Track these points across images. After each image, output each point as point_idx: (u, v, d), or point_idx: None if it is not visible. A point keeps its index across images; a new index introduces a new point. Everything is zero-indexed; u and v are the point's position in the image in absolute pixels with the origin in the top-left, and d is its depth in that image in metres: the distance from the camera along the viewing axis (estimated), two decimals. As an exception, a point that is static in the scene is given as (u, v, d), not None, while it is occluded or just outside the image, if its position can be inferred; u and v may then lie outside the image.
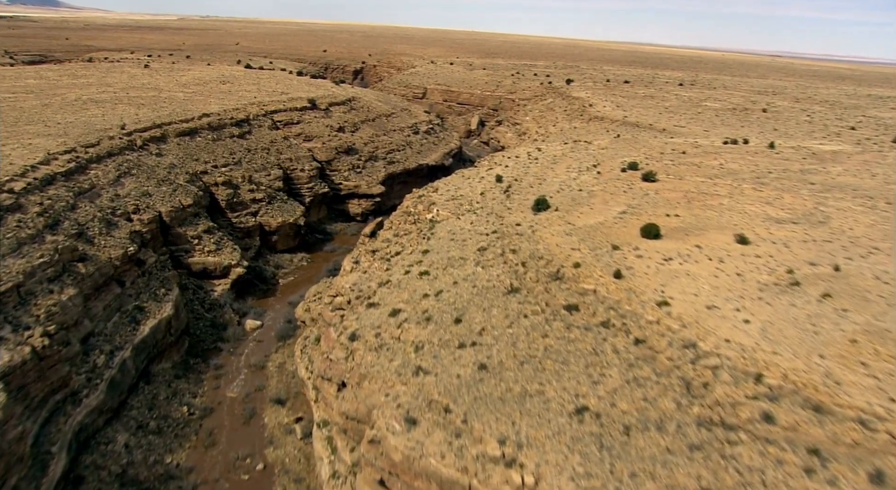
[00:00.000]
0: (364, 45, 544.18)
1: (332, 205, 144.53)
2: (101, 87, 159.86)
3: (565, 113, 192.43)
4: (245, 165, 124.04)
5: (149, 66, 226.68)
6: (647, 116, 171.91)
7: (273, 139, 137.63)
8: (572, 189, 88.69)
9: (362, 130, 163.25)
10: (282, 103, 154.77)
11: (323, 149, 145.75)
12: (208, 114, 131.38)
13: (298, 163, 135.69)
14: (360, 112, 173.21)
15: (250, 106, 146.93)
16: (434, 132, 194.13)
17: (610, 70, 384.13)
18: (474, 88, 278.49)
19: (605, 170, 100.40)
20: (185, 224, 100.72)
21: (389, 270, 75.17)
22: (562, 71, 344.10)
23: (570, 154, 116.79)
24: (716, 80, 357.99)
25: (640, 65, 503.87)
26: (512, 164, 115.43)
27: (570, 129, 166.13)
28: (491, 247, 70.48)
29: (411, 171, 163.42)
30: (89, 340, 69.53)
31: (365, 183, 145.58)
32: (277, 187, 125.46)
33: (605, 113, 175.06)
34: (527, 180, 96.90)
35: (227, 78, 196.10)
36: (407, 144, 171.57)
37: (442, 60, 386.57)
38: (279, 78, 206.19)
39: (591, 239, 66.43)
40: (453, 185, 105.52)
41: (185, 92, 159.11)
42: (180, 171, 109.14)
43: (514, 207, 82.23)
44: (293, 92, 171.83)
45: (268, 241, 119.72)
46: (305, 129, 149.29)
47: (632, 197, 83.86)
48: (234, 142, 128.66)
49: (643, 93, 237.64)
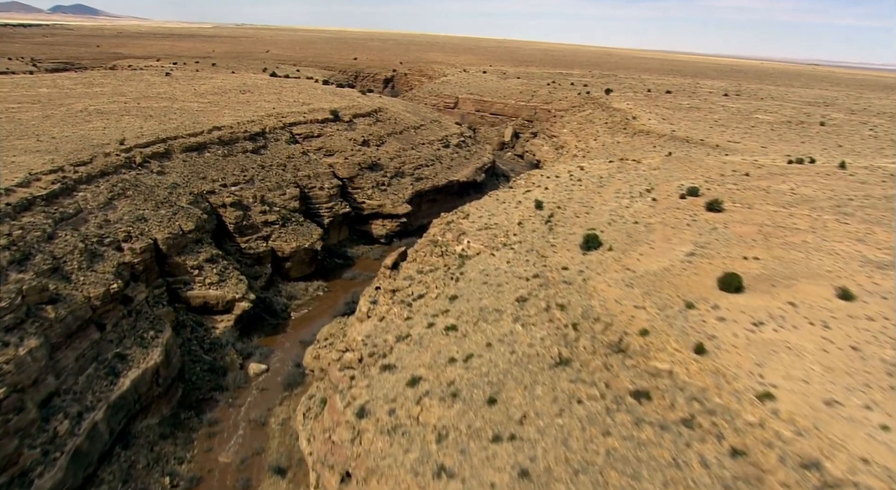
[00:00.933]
0: (395, 53, 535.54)
1: (353, 226, 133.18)
2: (112, 97, 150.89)
3: (606, 126, 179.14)
4: (258, 184, 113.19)
5: (170, 74, 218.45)
6: (697, 131, 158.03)
7: (290, 154, 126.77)
8: (625, 221, 75.78)
9: (388, 144, 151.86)
10: (302, 115, 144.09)
11: (345, 164, 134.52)
12: (220, 127, 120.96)
13: (317, 180, 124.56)
14: (386, 124, 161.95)
15: (267, 118, 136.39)
16: (465, 145, 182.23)
17: (648, 79, 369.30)
18: (508, 98, 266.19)
19: (661, 196, 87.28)
20: (184, 252, 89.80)
21: (410, 319, 63.08)
22: (599, 80, 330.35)
23: (618, 175, 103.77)
24: (760, 90, 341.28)
25: (679, 74, 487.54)
26: (552, 185, 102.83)
27: (612, 143, 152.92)
28: (533, 297, 58.00)
29: (440, 188, 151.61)
30: (52, 402, 58.44)
31: (390, 202, 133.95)
32: (293, 208, 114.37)
33: (651, 126, 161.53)
34: (571, 208, 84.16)
35: (249, 87, 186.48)
36: (436, 159, 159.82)
37: (474, 69, 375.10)
38: (303, 87, 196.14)
39: (657, 292, 53.59)
40: (486, 210, 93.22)
41: (199, 102, 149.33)
42: (183, 192, 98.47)
43: (558, 244, 69.65)
44: (315, 102, 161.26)
45: (280, 268, 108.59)
46: (326, 143, 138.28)
47: (698, 232, 70.73)
48: (247, 157, 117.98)
49: (688, 104, 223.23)
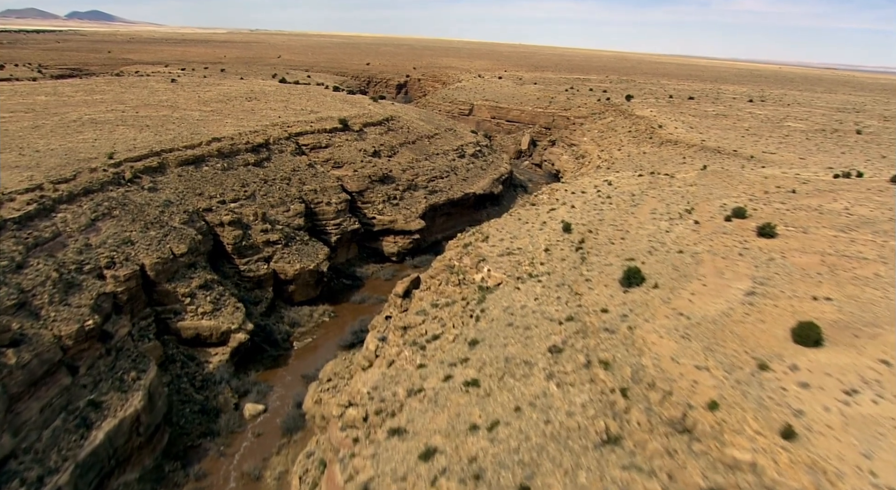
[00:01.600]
0: (409, 58, 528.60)
1: (363, 243, 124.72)
2: (111, 105, 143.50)
3: (630, 134, 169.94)
4: (259, 199, 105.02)
5: (176, 80, 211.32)
6: (729, 140, 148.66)
7: (296, 167, 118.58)
8: (668, 248, 66.75)
9: (401, 155, 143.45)
10: (309, 124, 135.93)
11: (354, 177, 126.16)
12: (220, 138, 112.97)
13: (324, 194, 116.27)
14: (398, 133, 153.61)
15: (272, 128, 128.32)
16: (482, 155, 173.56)
17: (668, 85, 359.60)
18: (525, 105, 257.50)
19: (703, 217, 78.13)
20: (175, 279, 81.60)
21: (424, 367, 54.30)
22: (618, 86, 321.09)
23: (652, 192, 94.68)
24: (785, 95, 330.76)
25: (698, 79, 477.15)
26: (579, 203, 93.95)
27: (639, 154, 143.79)
28: (568, 347, 49.13)
29: (456, 202, 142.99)
30: (7, 466, 50.25)
31: (402, 217, 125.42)
32: (297, 225, 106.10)
33: (679, 136, 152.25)
34: (604, 232, 75.19)
35: (256, 94, 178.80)
36: (451, 170, 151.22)
37: (489, 74, 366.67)
38: (312, 94, 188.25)
39: (719, 346, 44.59)
40: (507, 231, 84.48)
41: (202, 111, 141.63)
42: (177, 210, 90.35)
43: (593, 277, 60.75)
44: (324, 111, 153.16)
45: (283, 291, 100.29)
46: (335, 155, 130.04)
47: (753, 264, 61.55)
48: (249, 171, 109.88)
49: (713, 111, 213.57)
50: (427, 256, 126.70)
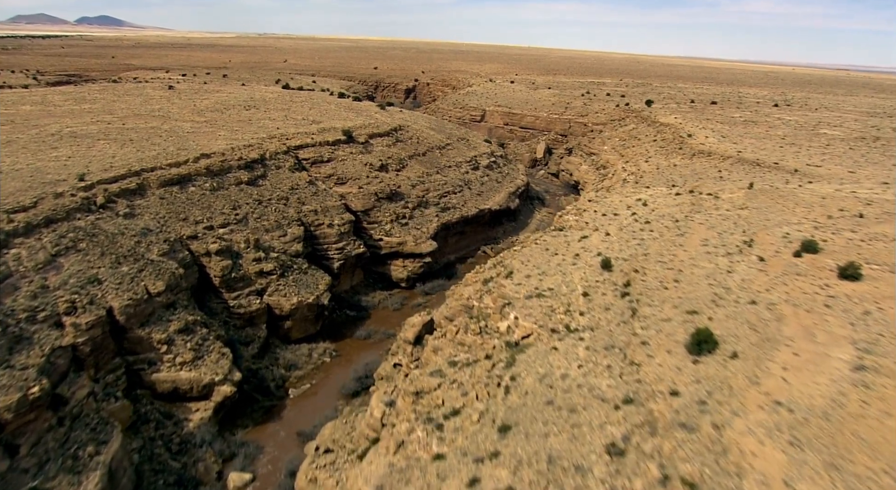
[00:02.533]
0: (417, 62, 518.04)
1: (369, 267, 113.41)
2: (98, 115, 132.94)
3: (656, 144, 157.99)
4: (252, 223, 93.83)
5: (173, 87, 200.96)
6: (767, 151, 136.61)
7: (294, 184, 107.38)
8: (736, 296, 54.89)
9: (410, 168, 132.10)
10: (310, 136, 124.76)
11: (359, 195, 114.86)
12: (209, 153, 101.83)
13: (326, 215, 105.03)
14: (407, 145, 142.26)
15: (269, 140, 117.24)
16: (496, 166, 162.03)
17: (686, 88, 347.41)
18: (539, 111, 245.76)
19: (766, 251, 66.30)
20: (150, 322, 70.42)
21: (442, 460, 42.74)
22: (635, 90, 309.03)
23: (697, 217, 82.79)
24: (808, 98, 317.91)
25: (714, 81, 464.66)
26: (614, 229, 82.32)
27: (669, 167, 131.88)
28: (633, 447, 37.45)
29: (470, 219, 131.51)
30: None
31: (412, 238, 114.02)
32: (295, 252, 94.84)
33: (711, 146, 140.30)
34: (652, 270, 63.43)
35: (255, 102, 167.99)
36: (464, 184, 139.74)
37: (501, 78, 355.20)
38: (315, 101, 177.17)
39: (845, 459, 32.84)
40: (534, 264, 72.87)
41: (195, 121, 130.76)
42: (156, 239, 79.22)
43: (650, 338, 49.10)
44: (327, 120, 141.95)
45: (278, 328, 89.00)
46: (338, 170, 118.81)
47: (846, 319, 49.59)
48: (241, 191, 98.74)
49: (740, 117, 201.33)
50: (439, 281, 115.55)
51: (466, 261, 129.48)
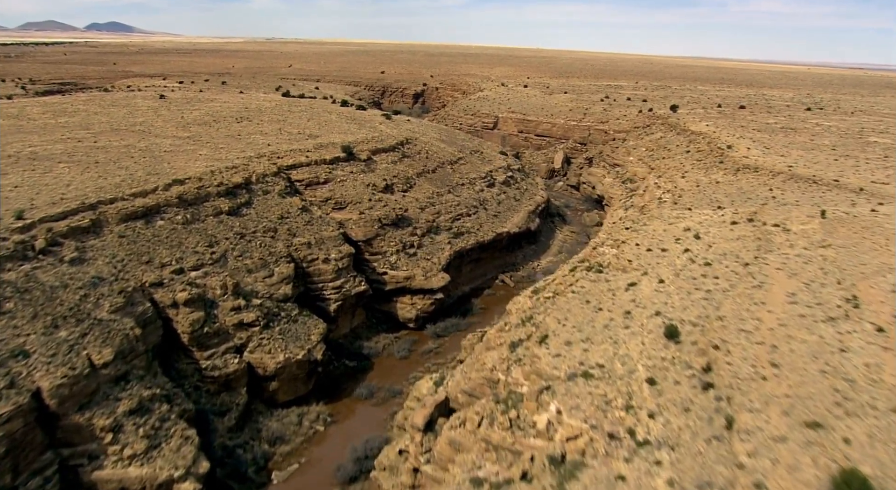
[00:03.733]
0: (425, 66, 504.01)
1: (372, 305, 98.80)
2: (72, 131, 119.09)
3: (691, 156, 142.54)
4: (232, 263, 79.28)
5: (165, 96, 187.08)
6: (820, 165, 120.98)
7: (284, 212, 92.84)
8: (869, 397, 39.49)
9: (418, 188, 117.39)
10: (305, 154, 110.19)
11: (360, 222, 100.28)
12: (184, 179, 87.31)
13: (321, 248, 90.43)
14: (415, 160, 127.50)
15: (257, 160, 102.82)
16: (513, 181, 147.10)
17: (707, 91, 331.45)
18: (556, 117, 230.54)
19: (881, 315, 50.96)
20: (92, 404, 55.87)
21: None
22: (654, 93, 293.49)
23: (770, 258, 67.44)
24: (838, 101, 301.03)
25: (733, 83, 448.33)
26: (667, 272, 67.19)
27: (710, 184, 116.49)
28: None
29: (486, 245, 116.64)
30: None
31: (421, 270, 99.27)
32: (283, 296, 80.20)
33: (756, 160, 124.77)
34: (735, 344, 48.10)
35: (250, 112, 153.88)
36: (479, 204, 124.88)
37: (513, 82, 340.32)
38: (315, 111, 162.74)
39: None
40: (574, 324, 57.77)
41: (176, 138, 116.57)
42: (110, 291, 64.77)
43: (765, 473, 34.00)
44: (325, 134, 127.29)
45: (262, 390, 74.38)
46: (336, 192, 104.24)
47: None
48: (220, 223, 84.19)
49: (776, 123, 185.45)
50: (453, 320, 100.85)
51: (483, 292, 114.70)
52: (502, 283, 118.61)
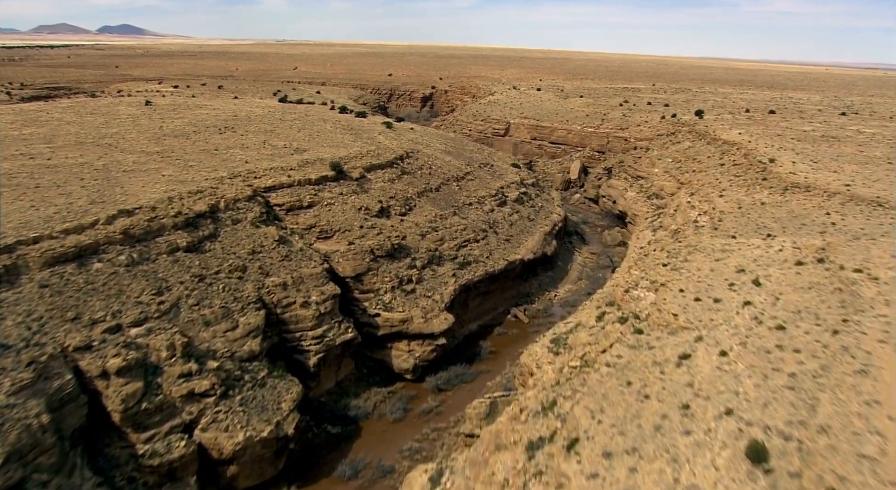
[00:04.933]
0: (435, 68, 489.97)
1: (363, 352, 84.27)
2: (31, 145, 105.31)
3: (726, 170, 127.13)
4: (186, 314, 64.89)
5: (151, 102, 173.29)
6: (882, 183, 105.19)
7: (257, 245, 78.40)
8: None
9: (419, 210, 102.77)
10: (287, 172, 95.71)
11: (349, 254, 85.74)
12: (133, 209, 72.80)
13: (300, 289, 75.95)
14: (416, 177, 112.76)
15: (230, 181, 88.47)
16: (527, 198, 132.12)
17: (729, 93, 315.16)
18: (572, 123, 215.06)
19: None
20: (-37, 532, 41.62)
21: None
22: (675, 96, 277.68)
23: (865, 322, 52.07)
24: (870, 104, 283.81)
25: (753, 84, 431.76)
26: (727, 337, 52.07)
27: (754, 205, 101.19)
28: None
29: (497, 275, 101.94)
30: None
31: (420, 311, 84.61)
32: (249, 353, 65.79)
33: (806, 177, 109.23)
34: (854, 484, 33.50)
35: (238, 121, 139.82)
36: (489, 227, 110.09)
37: (525, 85, 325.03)
38: (310, 119, 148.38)
39: None
40: (612, 421, 42.99)
41: (143, 153, 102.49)
42: (14, 363, 50.46)
43: None
44: (315, 148, 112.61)
45: (218, 476, 59.87)
46: (322, 218, 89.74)
47: None
48: (175, 263, 69.77)
49: (813, 131, 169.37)
50: (457, 368, 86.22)
51: (493, 330, 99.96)
52: (515, 318, 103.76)
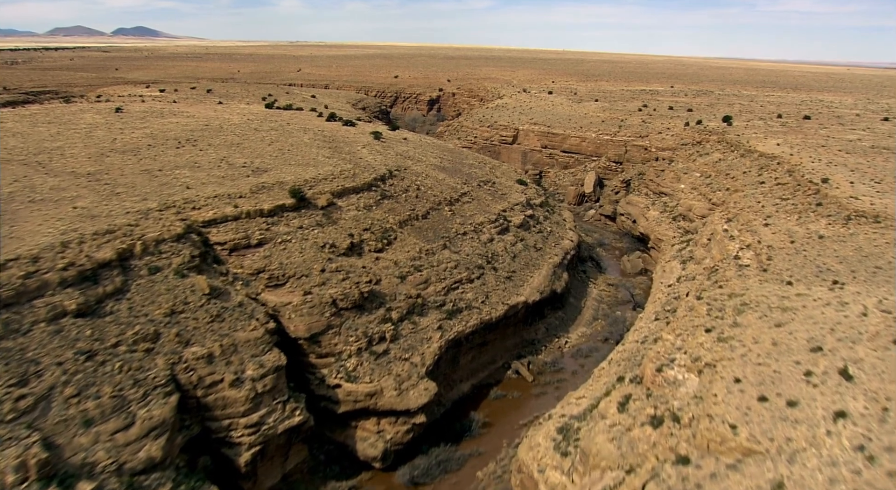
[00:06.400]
0: (444, 69, 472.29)
1: (320, 432, 66.46)
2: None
3: (767, 189, 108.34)
4: (57, 411, 47.36)
5: (122, 109, 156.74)
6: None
7: (179, 304, 60.73)
8: None
9: (400, 245, 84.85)
10: (234, 201, 77.87)
11: (304, 307, 67.98)
12: (5, 262, 55.26)
13: (230, 363, 58.25)
14: (399, 203, 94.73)
15: (156, 215, 70.96)
16: (535, 221, 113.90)
17: (755, 96, 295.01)
18: (586, 130, 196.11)
19: None
20: None
21: None
22: (697, 100, 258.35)
23: None
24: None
25: (777, 86, 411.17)
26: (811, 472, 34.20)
27: (809, 238, 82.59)
28: None
29: (495, 323, 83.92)
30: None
31: (393, 381, 66.76)
32: (147, 461, 48.16)
33: (871, 201, 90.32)
34: None
35: (207, 131, 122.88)
36: (487, 261, 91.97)
37: (536, 88, 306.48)
38: (288, 129, 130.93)
39: None
40: None
41: (71, 175, 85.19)
42: None
43: None
44: (279, 167, 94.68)
45: None
46: (273, 260, 72.03)
47: None
48: (56, 336, 52.15)
49: (858, 140, 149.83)
50: (440, 451, 68.28)
51: (489, 391, 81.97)
52: (516, 374, 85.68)
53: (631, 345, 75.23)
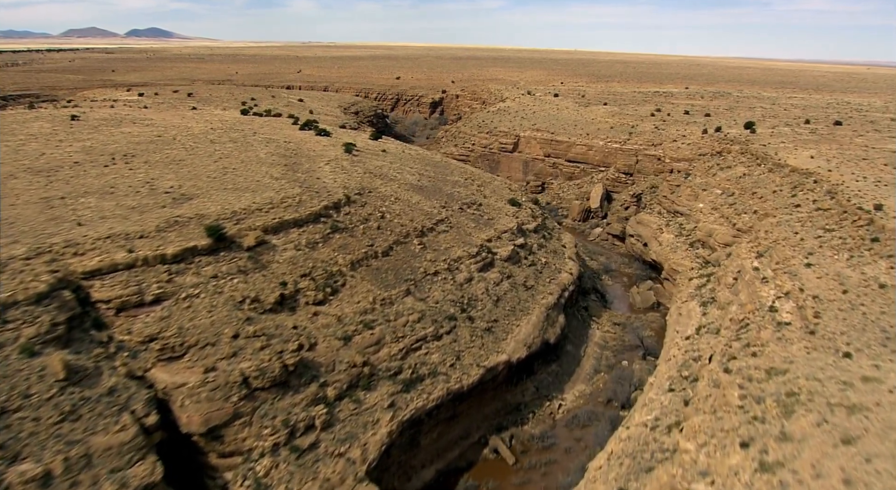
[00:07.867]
0: (449, 70, 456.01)
1: (218, 559, 49.89)
2: None
3: (804, 214, 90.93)
4: None
5: (78, 117, 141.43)
6: None
7: (16, 397, 44.41)
8: None
9: (350, 292, 68.13)
10: (129, 244, 61.32)
11: (203, 390, 51.46)
12: None
13: (76, 483, 41.77)
14: (354, 236, 77.77)
15: (22, 264, 54.63)
16: (526, 251, 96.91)
17: (776, 98, 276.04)
18: (594, 137, 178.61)
19: None
20: None
21: None
22: (715, 102, 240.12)
23: None
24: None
25: (797, 86, 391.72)
26: None
27: (866, 286, 65.32)
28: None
29: (466, 392, 67.04)
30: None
31: (318, 488, 49.97)
32: None
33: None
34: None
35: (154, 144, 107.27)
36: (462, 309, 75.11)
37: (542, 89, 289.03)
38: (249, 140, 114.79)
39: None
40: None
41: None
42: None
43: None
44: (210, 193, 78.04)
45: None
46: (171, 322, 55.58)
47: None
48: None
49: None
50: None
51: (458, 478, 65.01)
52: (495, 454, 68.71)
53: (637, 429, 58.31)
